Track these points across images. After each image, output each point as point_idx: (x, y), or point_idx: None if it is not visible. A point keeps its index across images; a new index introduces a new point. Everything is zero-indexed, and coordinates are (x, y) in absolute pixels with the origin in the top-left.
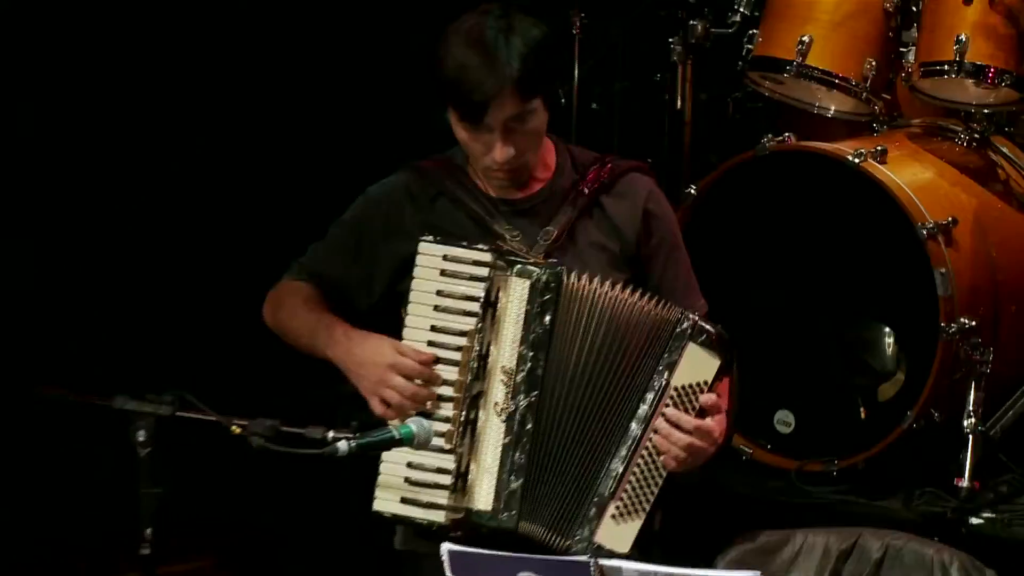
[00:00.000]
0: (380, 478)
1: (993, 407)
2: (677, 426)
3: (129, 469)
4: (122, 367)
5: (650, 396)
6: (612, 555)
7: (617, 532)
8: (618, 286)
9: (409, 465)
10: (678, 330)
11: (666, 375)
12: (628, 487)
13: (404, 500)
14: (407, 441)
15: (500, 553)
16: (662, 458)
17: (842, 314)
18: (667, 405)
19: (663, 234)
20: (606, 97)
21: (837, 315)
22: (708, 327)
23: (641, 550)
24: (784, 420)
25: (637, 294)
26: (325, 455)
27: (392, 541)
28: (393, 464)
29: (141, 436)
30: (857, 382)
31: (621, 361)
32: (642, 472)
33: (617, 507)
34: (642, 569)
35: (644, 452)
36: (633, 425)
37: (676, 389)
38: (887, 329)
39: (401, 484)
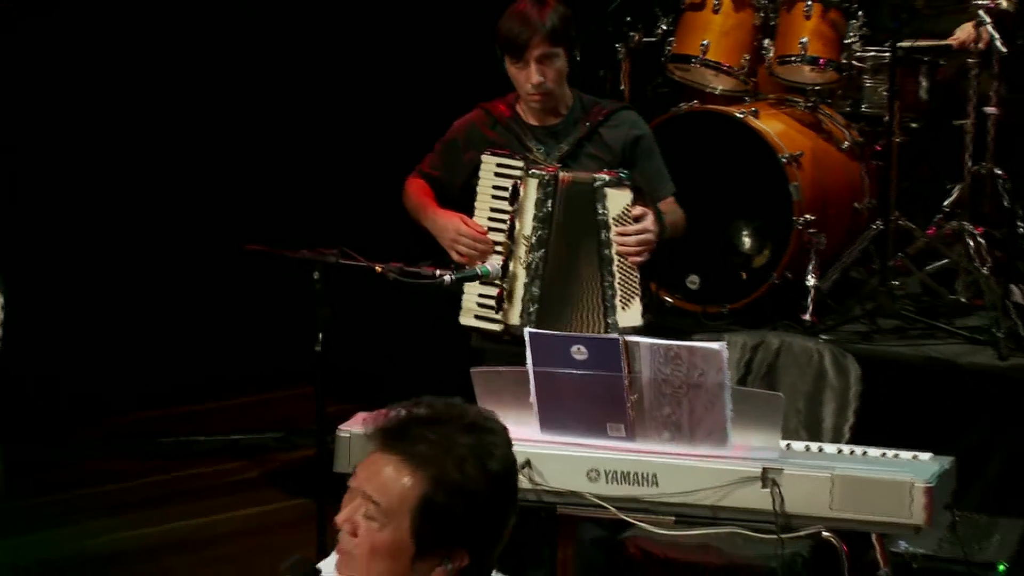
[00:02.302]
0: (462, 305)
1: (823, 270)
2: (627, 235)
3: (306, 300)
4: (303, 229)
5: (603, 231)
6: (635, 330)
7: (628, 315)
8: (579, 173)
9: (478, 295)
10: (596, 185)
11: (605, 213)
12: (620, 286)
13: (476, 316)
14: (485, 275)
15: (563, 334)
16: (629, 259)
17: (731, 214)
18: (615, 226)
19: (643, 145)
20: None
21: (728, 214)
22: (610, 175)
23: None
24: (693, 280)
25: (582, 173)
26: (435, 284)
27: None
28: (468, 296)
29: (316, 275)
30: (740, 256)
31: (585, 218)
32: (623, 273)
33: (621, 300)
34: (650, 341)
35: (617, 261)
36: (605, 250)
37: (614, 218)
38: (760, 221)
39: (474, 307)
